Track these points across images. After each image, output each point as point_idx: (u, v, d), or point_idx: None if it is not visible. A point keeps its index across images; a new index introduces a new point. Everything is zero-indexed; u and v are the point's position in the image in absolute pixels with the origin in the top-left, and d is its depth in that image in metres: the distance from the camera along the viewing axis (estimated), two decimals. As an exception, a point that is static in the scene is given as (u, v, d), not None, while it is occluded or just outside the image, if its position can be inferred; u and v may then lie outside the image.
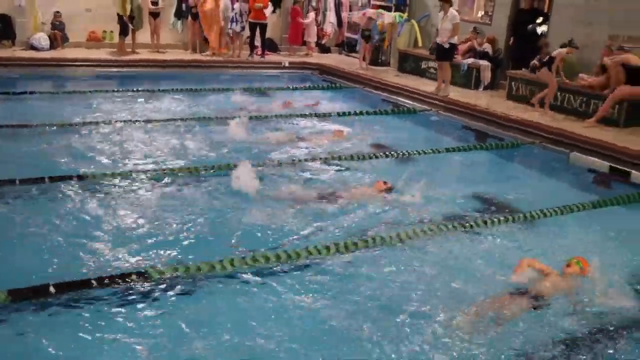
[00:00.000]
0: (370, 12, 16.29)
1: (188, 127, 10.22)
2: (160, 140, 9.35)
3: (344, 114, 11.90)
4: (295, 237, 6.23)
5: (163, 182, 7.54)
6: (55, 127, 9.52)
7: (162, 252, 5.70)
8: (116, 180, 7.38)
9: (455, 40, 12.86)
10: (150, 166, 8.07)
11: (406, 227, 6.56)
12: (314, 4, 18.27)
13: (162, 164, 8.19)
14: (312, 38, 17.86)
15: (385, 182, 7.60)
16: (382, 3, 17.40)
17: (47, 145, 8.79)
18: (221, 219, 6.58)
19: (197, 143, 9.36)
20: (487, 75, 13.96)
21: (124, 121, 10.13)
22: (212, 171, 7.96)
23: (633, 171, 8.93)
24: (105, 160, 8.21)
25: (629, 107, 10.92)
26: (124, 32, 15.29)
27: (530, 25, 13.86)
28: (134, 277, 5.09)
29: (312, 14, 17.81)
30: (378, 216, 6.88)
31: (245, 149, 9.11)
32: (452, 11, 12.75)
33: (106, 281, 4.99)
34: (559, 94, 11.87)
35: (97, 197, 6.86)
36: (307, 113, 11.82)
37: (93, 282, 4.95)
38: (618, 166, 9.15)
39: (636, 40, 11.26)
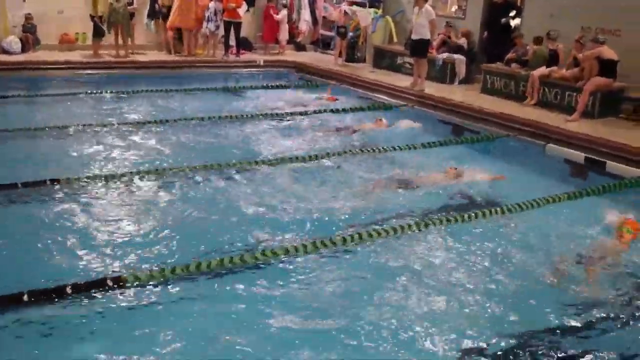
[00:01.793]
0: (345, 8, 16.26)
1: (171, 128, 10.19)
2: (136, 143, 9.27)
3: (319, 111, 11.88)
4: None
5: (143, 184, 7.47)
6: (28, 131, 9.37)
7: (138, 256, 5.65)
8: (90, 184, 7.29)
9: (429, 35, 12.89)
10: (127, 169, 7.99)
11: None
12: (284, 1, 18.19)
13: (140, 166, 8.12)
14: (283, 36, 17.74)
15: (455, 168, 8.14)
16: (357, -1, 17.41)
17: (20, 150, 8.67)
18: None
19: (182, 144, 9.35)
20: (461, 70, 14.02)
21: (100, 124, 10.00)
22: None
23: (608, 161, 9.02)
24: (79, 164, 8.10)
25: (602, 99, 11.03)
26: (97, 34, 15.03)
27: (504, 19, 13.95)
28: (109, 282, 5.03)
29: (284, 11, 17.70)
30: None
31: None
32: (427, 7, 12.75)
33: (81, 288, 4.93)
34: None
35: (71, 202, 6.77)
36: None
37: (68, 289, 4.88)
38: (593, 157, 9.23)
39: (608, 32, 11.37)
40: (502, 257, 6.05)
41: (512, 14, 14.11)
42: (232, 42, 16.57)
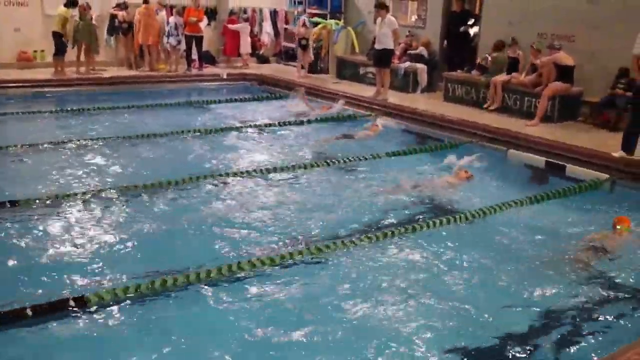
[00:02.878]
0: (305, 20, 16.33)
1: (134, 144, 10.13)
2: (99, 160, 9.15)
3: (285, 123, 11.89)
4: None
5: (107, 202, 7.37)
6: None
7: (103, 275, 5.57)
8: (53, 204, 7.16)
9: (392, 45, 13.01)
10: (90, 187, 7.88)
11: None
12: (245, 15, 18.19)
13: (103, 184, 8.03)
14: (244, 49, 17.68)
15: (466, 171, 8.54)
16: (318, 11, 17.48)
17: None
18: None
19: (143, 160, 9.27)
20: (424, 78, 14.16)
21: (61, 142, 9.85)
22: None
23: (568, 165, 9.17)
24: (41, 184, 7.95)
25: (561, 103, 11.24)
26: (60, 51, 14.81)
27: (462, 27, 14.14)
28: (71, 303, 4.93)
29: (243, 23, 17.65)
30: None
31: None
32: (390, 17, 12.89)
33: (43, 309, 4.83)
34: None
35: (32, 223, 6.65)
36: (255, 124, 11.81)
37: (28, 311, 4.78)
38: (554, 161, 9.38)
39: (563, 38, 11.60)
40: (463, 264, 6.09)
41: (471, 22, 14.31)
42: (195, 56, 16.52)
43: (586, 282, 5.79)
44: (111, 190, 7.67)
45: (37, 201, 7.16)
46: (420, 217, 7.24)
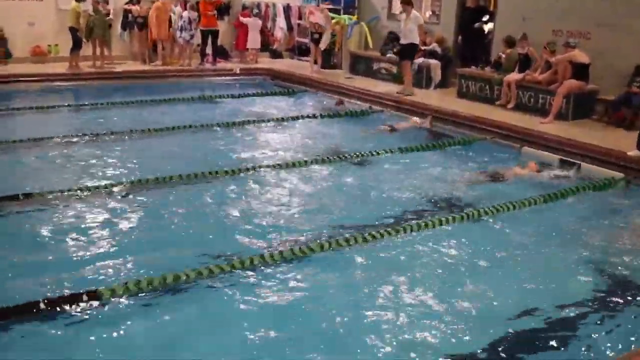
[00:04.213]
0: (317, 15, 16.21)
1: (147, 139, 10.19)
2: (114, 154, 9.18)
3: (296, 118, 11.88)
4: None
5: (123, 196, 7.41)
6: (2, 145, 9.24)
7: (118, 268, 5.59)
8: (65, 198, 7.20)
9: (418, 40, 13.04)
10: (104, 181, 7.88)
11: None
12: (256, 10, 18.17)
13: (118, 178, 8.04)
14: (252, 44, 17.62)
15: (536, 163, 8.90)
16: (331, 6, 17.42)
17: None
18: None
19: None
20: (437, 74, 14.09)
21: (76, 136, 9.89)
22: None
23: (582, 163, 9.10)
24: (54, 178, 7.99)
25: (575, 101, 11.15)
26: (76, 46, 14.84)
27: (477, 24, 14.06)
28: (84, 297, 4.95)
29: (253, 19, 17.60)
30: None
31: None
32: (415, 12, 12.95)
33: (55, 303, 4.86)
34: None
35: (45, 216, 6.69)
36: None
37: (41, 305, 4.80)
38: (568, 159, 9.31)
39: (578, 35, 11.50)
40: (476, 261, 6.07)
41: (485, 18, 14.22)
42: (209, 50, 16.52)
43: (604, 280, 5.76)
44: (124, 185, 7.70)
45: (51, 194, 7.20)
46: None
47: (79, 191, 7.38)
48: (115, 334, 4.63)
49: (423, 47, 14.31)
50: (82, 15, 14.56)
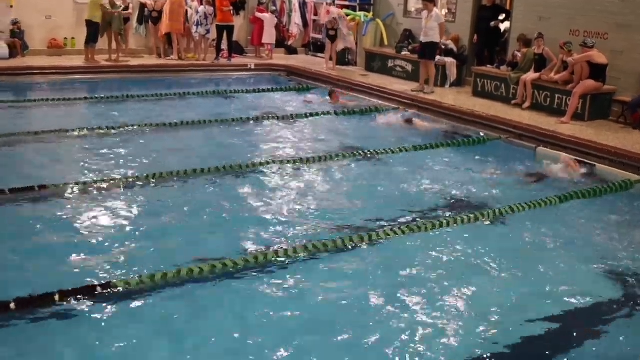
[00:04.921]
0: (333, 11, 16.15)
1: (161, 132, 10.22)
2: (128, 148, 9.22)
3: (311, 115, 11.87)
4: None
5: (138, 189, 7.45)
6: (16, 137, 9.31)
7: (129, 262, 5.62)
8: (80, 190, 7.25)
9: (438, 38, 13.00)
10: (118, 174, 7.94)
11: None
12: (273, 7, 18.16)
13: (132, 171, 8.09)
14: (268, 40, 17.62)
15: (577, 161, 9.02)
16: (347, 3, 17.39)
17: (8, 156, 8.63)
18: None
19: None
20: (453, 72, 14.03)
21: (91, 129, 9.95)
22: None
23: (598, 164, 9.04)
24: (69, 170, 8.06)
25: (592, 102, 11.06)
26: (92, 40, 14.90)
27: (493, 22, 13.97)
28: (98, 289, 4.98)
29: (268, 14, 17.59)
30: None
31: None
32: (436, 11, 12.92)
33: (70, 294, 4.89)
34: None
35: (60, 208, 6.73)
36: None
37: (56, 296, 4.84)
38: (583, 159, 9.24)
39: (595, 35, 11.41)
40: (491, 262, 6.04)
41: (502, 17, 14.12)
42: (224, 45, 16.54)
43: (618, 283, 5.72)
44: (139, 177, 7.74)
45: (66, 186, 7.25)
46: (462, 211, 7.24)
47: (93, 183, 7.43)
48: (127, 326, 4.66)
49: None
50: (97, 9, 14.61)
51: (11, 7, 15.02)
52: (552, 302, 5.30)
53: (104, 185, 7.42)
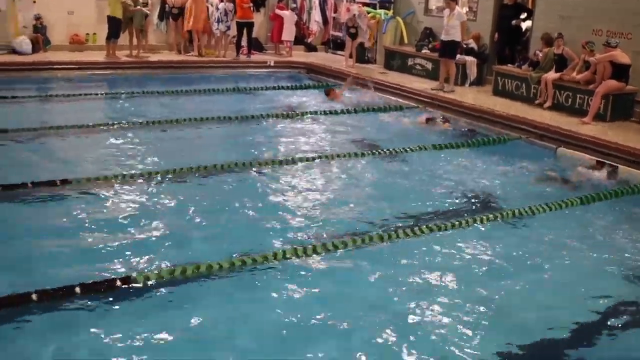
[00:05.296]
0: (354, 8, 16.12)
1: (181, 128, 10.26)
2: (148, 143, 9.27)
3: (330, 112, 11.86)
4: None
5: (158, 184, 7.50)
6: (39, 131, 9.39)
7: (149, 256, 5.65)
8: (102, 185, 7.30)
9: (460, 37, 12.93)
10: (139, 169, 7.99)
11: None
12: (293, 5, 18.16)
13: (153, 166, 8.14)
14: (287, 37, 17.60)
15: (611, 165, 9.02)
16: (367, 0, 17.34)
17: (31, 150, 8.70)
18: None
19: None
20: (473, 71, 13.95)
21: (112, 124, 10.03)
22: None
23: (620, 166, 8.94)
24: (90, 165, 8.12)
25: (614, 102, 10.94)
26: (114, 36, 14.97)
27: (514, 21, 13.88)
28: (118, 283, 5.02)
29: (288, 12, 17.59)
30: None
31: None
32: (458, 9, 12.88)
33: (90, 287, 4.93)
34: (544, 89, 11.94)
35: (82, 202, 6.79)
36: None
37: (77, 289, 4.88)
38: (605, 161, 9.15)
39: (618, 35, 11.28)
40: (511, 262, 6.00)
41: (523, 16, 14.02)
42: (244, 42, 16.58)
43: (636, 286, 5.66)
44: (159, 173, 7.78)
45: (87, 181, 7.30)
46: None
47: (113, 178, 7.48)
48: (146, 320, 4.69)
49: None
50: (118, 5, 14.69)
51: (34, 2, 15.16)
52: (573, 304, 5.27)
53: (125, 180, 7.47)
